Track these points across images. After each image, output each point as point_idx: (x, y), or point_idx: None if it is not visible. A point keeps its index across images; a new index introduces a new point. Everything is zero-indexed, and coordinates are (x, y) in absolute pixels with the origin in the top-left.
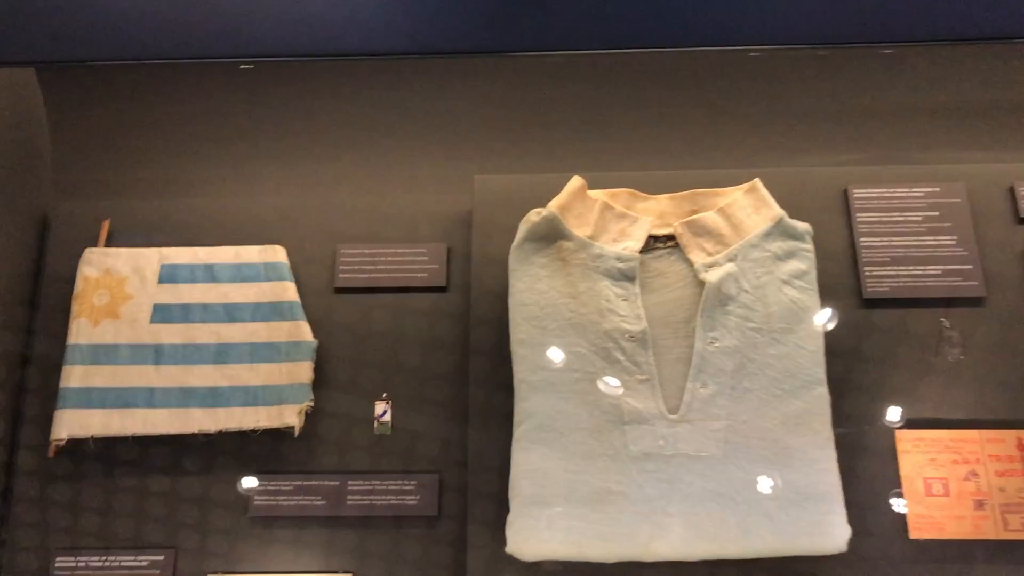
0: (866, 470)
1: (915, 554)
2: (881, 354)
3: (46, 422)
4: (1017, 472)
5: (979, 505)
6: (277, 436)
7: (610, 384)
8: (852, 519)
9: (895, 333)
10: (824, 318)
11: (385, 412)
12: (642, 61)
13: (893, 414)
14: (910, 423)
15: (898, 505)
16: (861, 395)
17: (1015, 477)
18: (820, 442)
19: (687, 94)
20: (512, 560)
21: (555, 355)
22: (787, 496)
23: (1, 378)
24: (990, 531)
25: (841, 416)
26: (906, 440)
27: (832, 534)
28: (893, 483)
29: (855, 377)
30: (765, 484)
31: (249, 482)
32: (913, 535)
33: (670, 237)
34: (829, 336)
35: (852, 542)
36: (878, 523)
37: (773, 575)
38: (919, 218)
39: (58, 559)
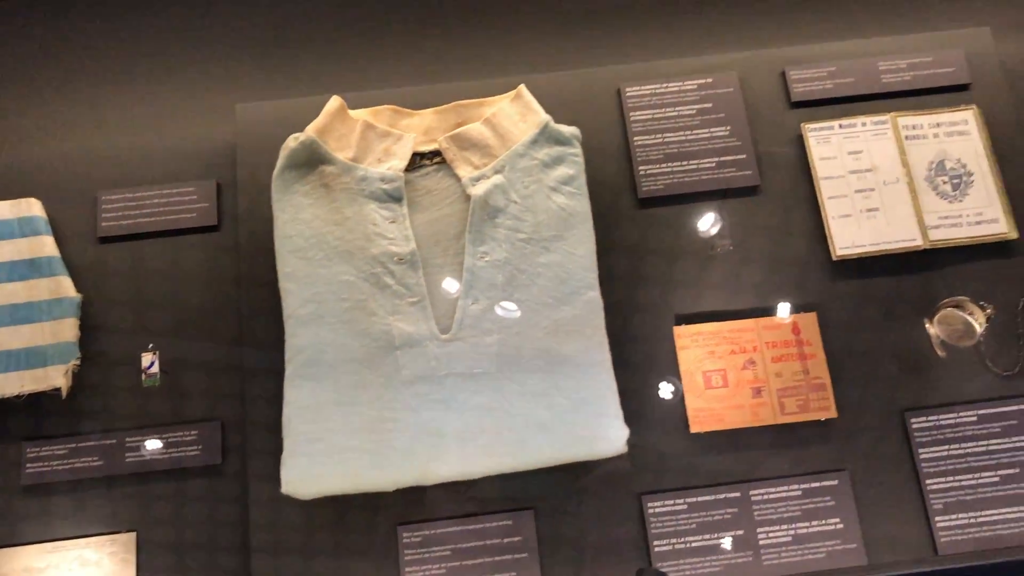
0: (647, 370)
1: (696, 448)
2: (657, 253)
3: None
4: (793, 356)
5: (757, 392)
6: (46, 399)
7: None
8: (633, 419)
9: (671, 231)
10: (592, 222)
11: (153, 364)
12: None
13: (671, 311)
14: (688, 318)
15: (678, 401)
16: (639, 296)
17: (791, 361)
18: (592, 347)
19: (448, 4)
20: (294, 501)
21: (322, 286)
22: (561, 404)
23: None
24: (768, 417)
25: (620, 318)
26: (684, 335)
27: (609, 437)
28: (674, 380)
29: (633, 278)
30: (538, 395)
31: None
32: (693, 429)
33: (437, 153)
34: (606, 238)
35: (633, 443)
36: (659, 421)
37: (560, 482)
38: (693, 111)
39: None
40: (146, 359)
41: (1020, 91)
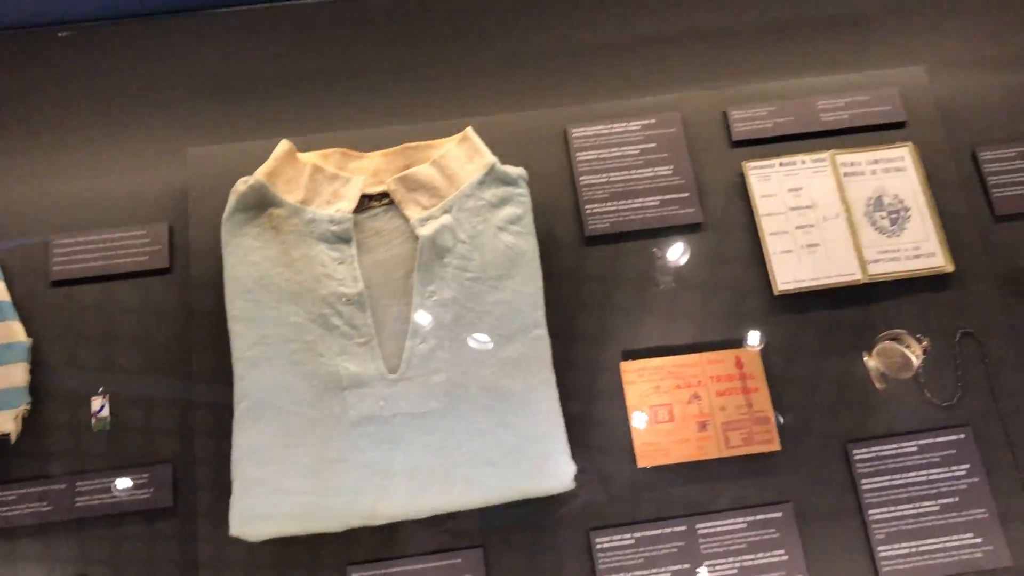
0: (594, 406)
1: (643, 482)
2: (604, 290)
3: None
4: (737, 390)
5: (702, 426)
6: None
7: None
8: (581, 455)
9: (616, 268)
10: (539, 261)
11: (103, 407)
12: (343, 11)
13: (618, 347)
14: (634, 353)
15: (625, 436)
16: (586, 332)
17: (735, 395)
18: (539, 384)
19: (396, 48)
20: (243, 542)
21: (270, 328)
22: (509, 441)
23: None
24: (713, 450)
25: (567, 355)
26: (631, 371)
27: (556, 473)
28: (621, 415)
29: (580, 315)
30: (486, 432)
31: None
32: (641, 464)
33: (385, 195)
34: (554, 278)
35: (580, 478)
36: (607, 457)
37: (509, 519)
38: (637, 151)
39: None
40: (96, 403)
41: (954, 127)
